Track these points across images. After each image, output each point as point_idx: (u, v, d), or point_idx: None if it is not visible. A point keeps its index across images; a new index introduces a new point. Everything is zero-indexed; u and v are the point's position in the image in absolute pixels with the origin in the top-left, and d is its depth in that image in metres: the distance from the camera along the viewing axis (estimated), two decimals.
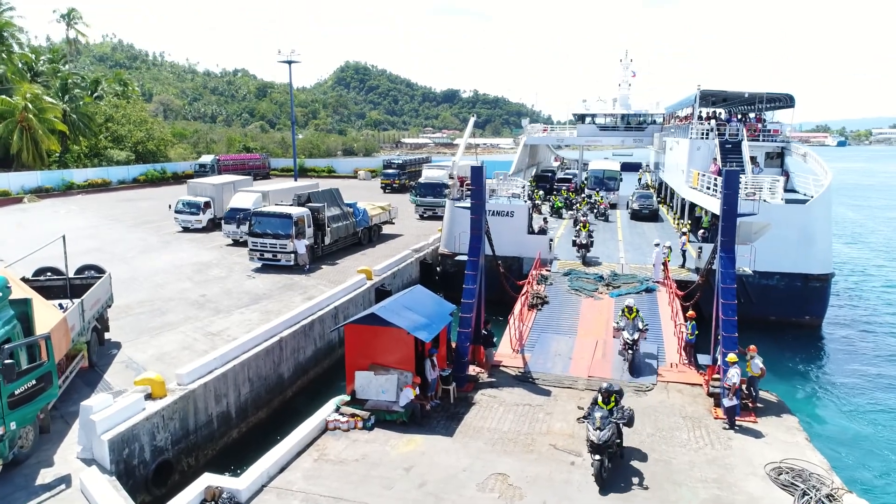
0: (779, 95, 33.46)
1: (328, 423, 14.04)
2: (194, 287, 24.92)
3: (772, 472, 12.41)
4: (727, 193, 15.98)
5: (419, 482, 11.92)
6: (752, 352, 15.43)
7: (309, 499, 11.30)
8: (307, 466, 12.46)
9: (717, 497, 11.59)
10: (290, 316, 19.40)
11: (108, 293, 19.44)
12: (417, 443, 13.52)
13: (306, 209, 28.23)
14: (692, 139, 32.91)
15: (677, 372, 17.89)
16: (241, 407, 16.44)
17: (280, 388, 18.28)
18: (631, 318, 17.99)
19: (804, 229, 25.38)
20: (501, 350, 19.42)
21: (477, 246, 17.94)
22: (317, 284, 25.22)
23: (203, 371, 15.25)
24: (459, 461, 12.77)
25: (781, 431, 14.38)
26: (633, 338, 17.67)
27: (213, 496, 10.95)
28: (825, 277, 25.98)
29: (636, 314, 18.09)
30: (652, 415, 15.10)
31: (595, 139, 53.72)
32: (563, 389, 16.64)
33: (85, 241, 33.18)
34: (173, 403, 13.93)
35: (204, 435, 14.96)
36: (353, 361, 15.26)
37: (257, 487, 11.47)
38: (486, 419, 14.79)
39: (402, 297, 16.51)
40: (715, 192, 27.70)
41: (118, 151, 67.43)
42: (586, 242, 28.45)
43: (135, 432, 12.78)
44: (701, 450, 13.43)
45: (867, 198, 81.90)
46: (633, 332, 17.77)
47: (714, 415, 15.10)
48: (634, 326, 17.90)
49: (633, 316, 18.03)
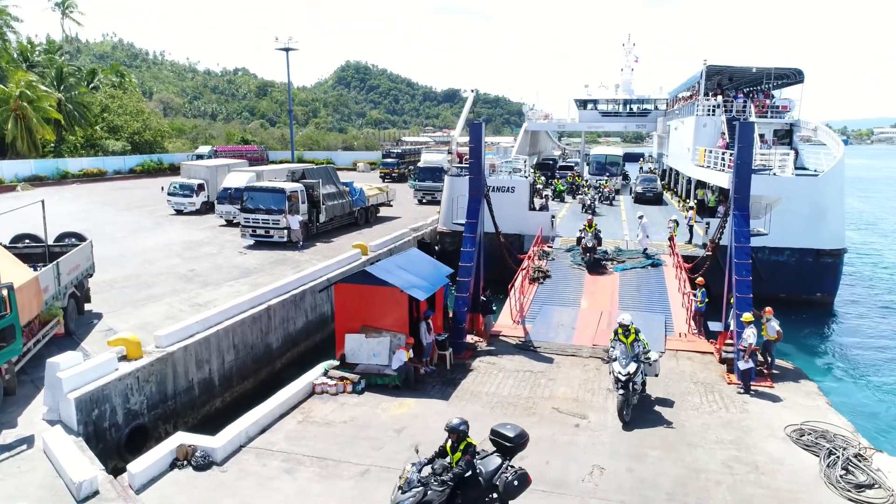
0: (787, 71, 32.47)
1: (315, 386, 13.12)
2: (183, 263, 24.02)
3: (793, 433, 11.49)
4: (741, 147, 15.05)
5: (411, 443, 10.95)
6: (767, 314, 14.51)
7: (291, 458, 10.38)
8: (290, 428, 11.55)
9: (735, 457, 10.66)
10: (279, 285, 18.49)
11: (90, 261, 18.53)
12: (410, 406, 12.60)
13: (300, 185, 27.31)
14: (698, 116, 31.94)
15: (686, 341, 16.97)
16: (226, 375, 15.52)
17: (268, 358, 17.36)
18: (628, 342, 12.51)
19: (816, 203, 24.40)
20: (501, 321, 18.52)
21: (476, 208, 17.03)
22: (310, 259, 24.29)
23: (183, 334, 14.34)
24: None
25: (800, 396, 13.45)
26: (628, 371, 12.00)
27: (185, 455, 10.07)
28: (837, 253, 25.00)
29: (634, 336, 12.59)
30: (661, 381, 14.13)
31: (597, 125, 52.73)
32: (566, 357, 15.72)
33: (75, 224, 32.15)
34: (149, 366, 13.02)
35: (184, 401, 14.05)
36: (342, 324, 14.35)
37: (235, 447, 10.56)
38: (485, 384, 13.87)
39: (396, 258, 15.62)
40: (723, 167, 26.78)
41: (114, 142, 66.60)
42: (592, 245, 23.67)
43: (105, 393, 11.87)
44: (715, 413, 12.51)
45: (875, 190, 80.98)
46: (629, 362, 12.16)
47: (727, 380, 14.17)
48: (632, 354, 12.39)
49: (630, 339, 12.56)
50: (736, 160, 15.19)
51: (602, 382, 14.00)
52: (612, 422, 11.98)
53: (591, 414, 12.33)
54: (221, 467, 10.03)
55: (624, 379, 11.95)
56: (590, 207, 33.77)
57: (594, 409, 12.55)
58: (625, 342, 12.55)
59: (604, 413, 12.39)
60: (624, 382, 11.95)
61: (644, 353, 12.63)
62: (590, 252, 23.47)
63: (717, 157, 27.69)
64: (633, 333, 12.60)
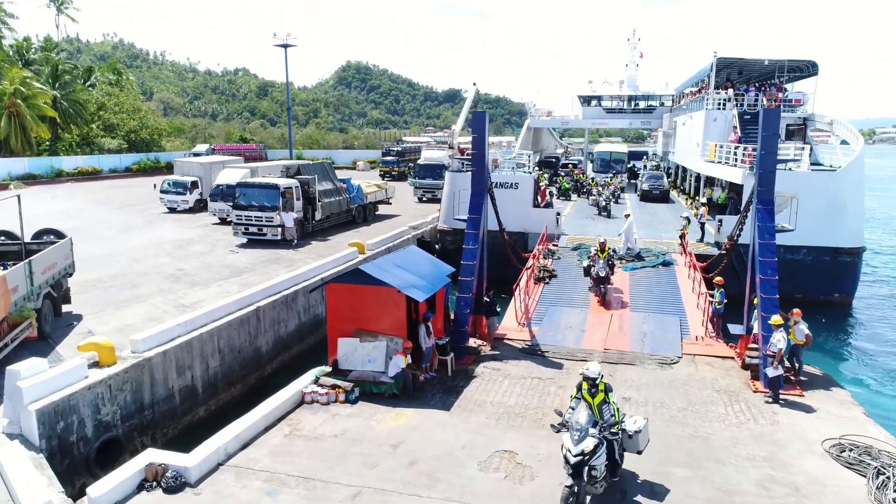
0: (800, 63, 31.33)
1: (304, 395, 12.02)
2: (172, 262, 22.94)
3: (832, 449, 10.37)
4: (766, 135, 13.92)
5: (409, 460, 9.90)
6: (795, 316, 13.39)
7: (274, 478, 9.28)
8: (275, 443, 10.45)
9: (770, 477, 9.54)
10: (269, 285, 17.40)
11: (69, 260, 17.44)
12: (408, 417, 11.49)
13: (295, 181, 26.23)
14: (708, 110, 30.81)
15: (704, 345, 15.86)
16: (210, 381, 14.43)
17: (257, 363, 16.27)
18: (594, 403, 8.98)
19: (834, 199, 23.26)
20: (505, 324, 17.41)
21: (479, 203, 15.93)
22: (304, 258, 23.19)
23: (163, 338, 13.25)
24: (458, 437, 10.75)
25: (833, 405, 12.33)
26: (581, 451, 8.18)
27: (154, 475, 8.96)
28: (856, 251, 23.88)
29: (604, 395, 9.10)
30: (681, 388, 13.08)
31: (601, 122, 51.52)
32: (576, 362, 14.58)
33: (64, 222, 31.12)
34: (123, 372, 11.93)
35: (163, 411, 12.95)
36: (335, 326, 13.25)
37: (211, 465, 9.46)
38: (489, 392, 12.76)
39: (393, 255, 14.53)
40: (736, 161, 25.68)
41: (109, 140, 65.59)
42: (606, 275, 19.00)
43: (73, 403, 10.78)
44: (743, 425, 11.39)
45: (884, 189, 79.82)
46: (584, 435, 8.28)
47: (753, 388, 13.06)
48: (601, 423, 8.62)
49: (598, 399, 9.03)
50: (760, 150, 14.07)
51: (617, 391, 12.83)
52: None
53: None
54: (195, 489, 8.93)
55: (574, 461, 8.15)
56: (605, 209, 32.08)
57: None
58: (590, 402, 8.97)
59: None
60: (574, 467, 8.19)
61: (619, 423, 8.88)
62: (602, 283, 18.96)
63: (728, 152, 26.57)
64: (603, 392, 9.06)
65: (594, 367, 9.26)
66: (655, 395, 12.70)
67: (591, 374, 9.15)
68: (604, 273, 19.00)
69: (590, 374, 9.15)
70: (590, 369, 9.20)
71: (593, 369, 9.19)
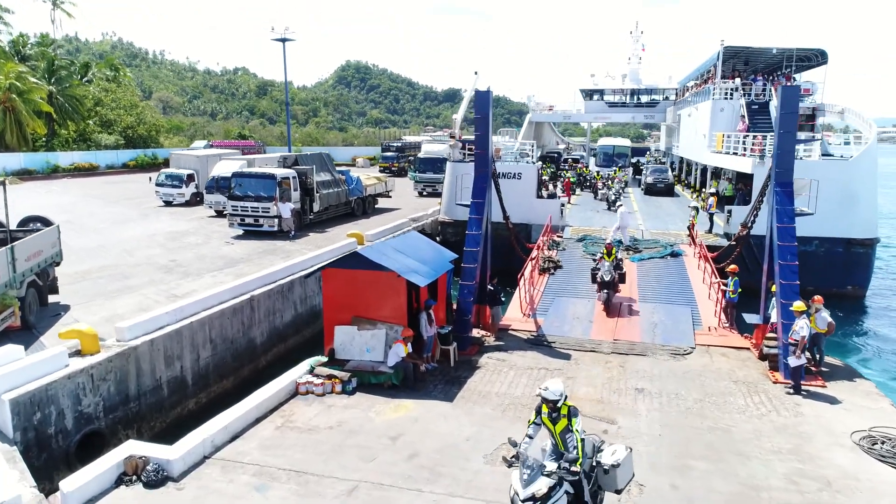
0: (809, 52, 30.65)
1: (299, 385, 11.35)
2: (165, 253, 22.27)
3: (862, 441, 9.71)
4: (784, 114, 13.25)
5: (409, 453, 9.22)
6: (817, 303, 12.71)
7: (264, 472, 8.60)
8: (267, 435, 9.78)
9: (799, 471, 8.87)
10: (264, 273, 16.74)
11: (56, 248, 16.79)
12: (408, 408, 10.83)
13: (292, 171, 25.54)
14: (715, 100, 30.13)
15: (718, 335, 15.19)
16: (200, 373, 13.76)
17: (251, 354, 15.60)
18: (556, 431, 6.98)
19: (846, 188, 22.60)
20: (510, 314, 16.75)
21: (482, 187, 15.26)
22: (301, 250, 22.50)
23: (150, 326, 12.58)
24: (461, 429, 10.08)
25: (858, 396, 11.67)
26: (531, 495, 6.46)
27: (134, 469, 8.29)
28: (870, 242, 23.22)
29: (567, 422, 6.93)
30: (696, 379, 12.41)
31: (604, 116, 50.75)
32: (584, 353, 13.94)
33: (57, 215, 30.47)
34: (107, 362, 11.26)
35: (150, 403, 12.28)
36: (332, 314, 12.58)
37: (197, 458, 8.79)
38: (494, 383, 12.09)
39: (393, 240, 13.89)
40: (745, 150, 25.01)
41: (106, 136, 64.92)
42: (610, 279, 16.72)
43: (51, 393, 10.11)
44: (765, 416, 10.73)
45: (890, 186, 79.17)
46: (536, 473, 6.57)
47: (773, 378, 12.39)
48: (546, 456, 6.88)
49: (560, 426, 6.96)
50: (778, 129, 13.40)
51: (629, 381, 12.24)
52: (645, 427, 10.21)
53: (620, 418, 10.56)
54: (178, 483, 8.26)
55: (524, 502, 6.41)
56: (615, 203, 31.09)
57: (623, 413, 10.78)
58: (551, 430, 7.03)
59: (635, 417, 10.62)
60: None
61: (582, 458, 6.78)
62: (608, 289, 16.78)
63: (737, 142, 25.88)
64: (566, 418, 6.92)
65: (555, 385, 7.05)
66: (669, 386, 12.03)
67: (550, 394, 6.93)
68: (608, 277, 16.70)
69: (549, 395, 6.94)
70: (549, 388, 7.01)
71: (554, 388, 6.99)
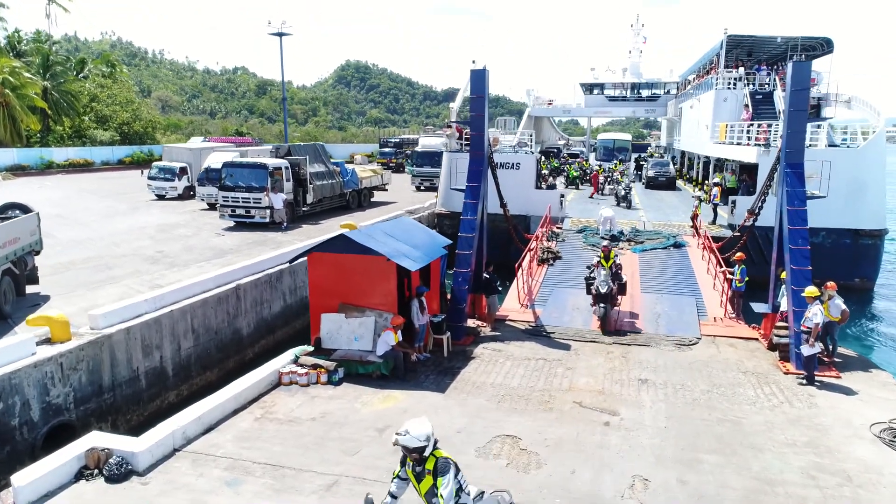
0: (815, 41, 29.99)
1: (282, 375, 10.69)
2: (153, 244, 21.63)
3: (883, 433, 9.05)
4: (795, 91, 12.59)
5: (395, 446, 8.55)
6: (830, 290, 12.04)
7: (237, 466, 7.94)
8: (244, 427, 9.11)
9: (816, 465, 8.21)
10: (251, 262, 16.09)
11: (35, 237, 16.12)
12: (397, 399, 10.17)
13: (285, 161, 24.89)
14: (718, 89, 29.47)
15: (724, 326, 14.54)
16: (182, 364, 13.11)
17: (237, 345, 14.95)
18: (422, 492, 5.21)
19: (854, 178, 21.92)
20: (507, 305, 16.09)
21: (478, 170, 14.59)
22: (293, 241, 21.83)
23: (127, 314, 11.94)
24: (453, 421, 9.43)
25: (876, 388, 11.01)
26: None
27: (96, 461, 7.63)
28: (878, 233, 22.54)
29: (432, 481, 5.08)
30: (703, 370, 11.75)
31: (604, 110, 50.08)
32: (585, 343, 13.28)
33: (48, 209, 30.03)
34: (79, 350, 10.60)
35: (126, 395, 11.63)
36: (318, 301, 11.92)
37: (166, 451, 8.12)
38: (490, 374, 11.44)
39: (384, 224, 13.21)
40: (749, 140, 24.36)
41: (102, 132, 64.30)
42: (608, 291, 13.87)
43: (15, 383, 9.46)
44: (777, 408, 10.07)
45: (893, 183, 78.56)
46: None
47: (783, 369, 11.73)
48: None
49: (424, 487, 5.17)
50: (788, 108, 12.73)
51: (631, 372, 11.59)
52: (650, 419, 9.56)
53: (623, 409, 9.91)
54: (143, 477, 7.59)
55: None
56: (625, 199, 29.65)
57: (626, 404, 10.13)
58: (417, 489, 5.28)
59: (638, 408, 9.96)
60: None
61: None
62: (605, 302, 13.91)
63: (741, 131, 25.22)
64: (431, 475, 5.11)
65: (418, 428, 4.98)
66: (675, 377, 11.38)
67: (411, 440, 4.91)
68: (605, 289, 13.78)
69: (408, 442, 4.91)
70: (410, 432, 4.96)
71: (416, 432, 4.94)
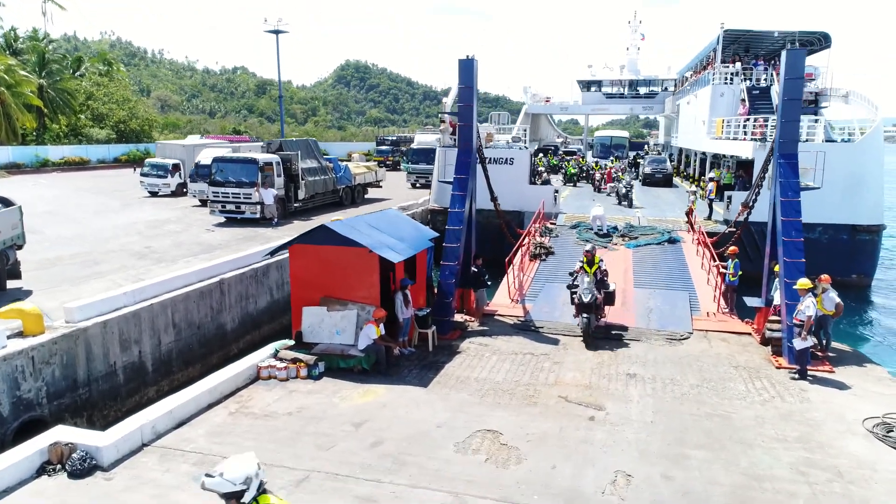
0: (812, 36, 29.72)
1: (260, 369, 10.43)
2: (141, 240, 21.36)
3: (876, 429, 8.77)
4: (789, 80, 12.31)
5: (373, 441, 8.29)
6: (824, 283, 11.77)
7: (206, 461, 7.67)
8: (218, 421, 8.84)
9: (807, 460, 7.94)
10: (236, 256, 15.83)
11: (17, 231, 15.85)
12: (378, 394, 9.89)
13: (276, 156, 24.61)
14: (715, 84, 29.20)
15: (717, 320, 14.28)
16: (162, 359, 12.83)
17: (221, 341, 14.66)
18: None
19: (851, 172, 21.67)
20: (497, 300, 15.84)
21: (466, 161, 14.31)
22: (283, 237, 21.55)
23: (104, 308, 11.68)
24: (434, 415, 9.16)
25: (870, 382, 10.74)
26: None
27: (59, 456, 7.37)
28: (875, 229, 22.30)
29: None
30: (693, 364, 11.49)
31: (601, 108, 49.78)
32: (574, 338, 13.00)
33: (40, 206, 29.84)
34: (52, 343, 10.33)
35: (102, 390, 11.36)
36: (300, 294, 11.64)
37: (134, 446, 7.85)
38: (474, 368, 11.17)
39: (368, 216, 12.94)
40: (746, 135, 24.10)
41: (98, 130, 64.07)
42: (592, 300, 12.37)
43: None
44: (768, 402, 9.80)
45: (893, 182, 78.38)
46: None
47: (776, 364, 11.47)
48: None
49: None
50: (782, 97, 12.46)
51: (620, 367, 11.32)
52: (636, 414, 9.28)
53: (609, 404, 9.64)
54: (107, 473, 7.33)
55: None
56: (626, 197, 28.87)
57: (612, 398, 9.86)
58: None
59: (625, 403, 9.69)
60: None
61: None
62: (587, 311, 12.41)
63: (738, 126, 24.96)
64: None
65: (236, 469, 3.68)
66: (664, 371, 11.11)
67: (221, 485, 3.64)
68: (588, 298, 12.31)
69: (219, 487, 3.65)
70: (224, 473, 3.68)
71: (232, 474, 3.66)
